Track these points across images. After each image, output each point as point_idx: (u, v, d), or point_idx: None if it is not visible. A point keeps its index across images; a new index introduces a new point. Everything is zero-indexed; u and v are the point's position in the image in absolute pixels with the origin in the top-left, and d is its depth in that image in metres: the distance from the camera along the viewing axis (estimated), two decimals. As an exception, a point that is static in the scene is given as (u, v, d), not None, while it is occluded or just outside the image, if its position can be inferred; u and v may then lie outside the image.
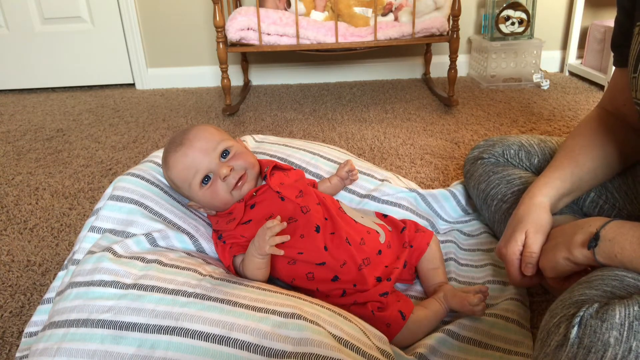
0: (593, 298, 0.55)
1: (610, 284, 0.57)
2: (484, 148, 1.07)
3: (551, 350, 0.53)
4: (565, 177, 0.82)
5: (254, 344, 0.61)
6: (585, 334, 0.51)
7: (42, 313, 0.79)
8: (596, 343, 0.50)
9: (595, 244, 0.65)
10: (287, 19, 1.87)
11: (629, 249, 0.62)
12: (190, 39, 2.44)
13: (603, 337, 0.50)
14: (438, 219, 1.09)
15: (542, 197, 0.81)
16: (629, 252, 0.62)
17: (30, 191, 1.41)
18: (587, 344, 0.50)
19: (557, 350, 0.52)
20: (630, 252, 0.62)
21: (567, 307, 0.55)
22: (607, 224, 0.66)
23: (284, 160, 1.04)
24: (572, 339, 0.51)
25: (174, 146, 0.83)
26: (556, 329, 0.54)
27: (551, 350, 0.53)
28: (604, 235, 0.65)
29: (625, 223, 0.65)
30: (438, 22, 1.87)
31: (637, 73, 0.68)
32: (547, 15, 2.39)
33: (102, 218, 0.83)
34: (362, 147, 1.62)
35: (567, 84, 2.24)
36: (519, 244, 0.78)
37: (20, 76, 2.49)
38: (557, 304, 0.57)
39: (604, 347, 0.49)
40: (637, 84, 0.69)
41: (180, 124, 1.94)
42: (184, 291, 0.68)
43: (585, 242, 0.66)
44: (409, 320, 0.77)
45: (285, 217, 0.80)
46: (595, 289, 0.57)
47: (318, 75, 2.49)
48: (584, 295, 0.56)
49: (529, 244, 0.77)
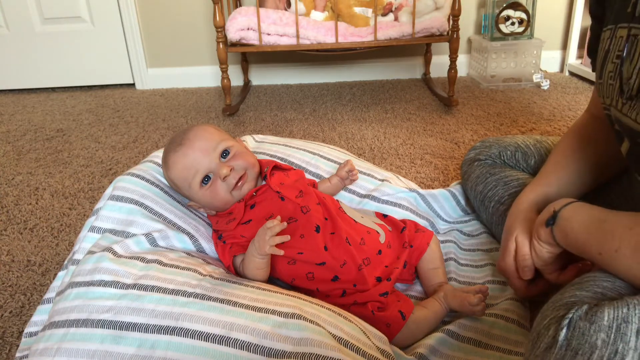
0: (583, 299, 0.55)
1: (602, 285, 0.57)
2: (480, 149, 1.07)
3: (540, 352, 0.53)
4: (551, 182, 0.83)
5: (254, 344, 0.61)
6: (574, 336, 0.50)
7: (42, 313, 0.79)
8: (583, 345, 0.49)
9: (552, 222, 0.68)
10: (287, 19, 1.87)
11: (576, 230, 0.64)
12: (190, 39, 2.44)
13: (590, 339, 0.49)
14: (438, 219, 1.09)
15: (528, 204, 0.82)
16: (577, 233, 0.64)
17: (30, 191, 1.41)
18: (574, 346, 0.50)
19: (546, 352, 0.52)
20: (577, 233, 0.64)
21: (557, 308, 0.55)
22: (569, 204, 0.67)
23: (284, 160, 1.04)
24: (561, 341, 0.51)
25: (174, 146, 0.83)
26: (546, 331, 0.53)
27: (540, 352, 0.53)
28: (562, 214, 0.67)
29: (584, 205, 0.66)
30: (438, 22, 1.87)
31: (602, 79, 0.68)
32: (547, 15, 2.39)
33: (102, 218, 0.83)
34: (362, 147, 1.62)
35: (567, 84, 2.24)
36: (512, 252, 0.79)
37: (20, 76, 2.49)
38: (548, 306, 0.57)
39: (591, 349, 0.49)
40: (602, 89, 0.69)
41: (180, 124, 1.94)
42: (184, 291, 0.68)
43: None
44: (409, 320, 0.77)
45: (285, 217, 0.80)
46: (586, 290, 0.57)
47: (318, 75, 2.49)
48: (575, 296, 0.56)
49: (519, 248, 0.78)
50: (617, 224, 0.59)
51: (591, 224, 0.62)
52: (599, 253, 0.59)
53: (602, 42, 0.69)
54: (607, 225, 0.60)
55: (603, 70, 0.67)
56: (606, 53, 0.67)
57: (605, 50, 0.67)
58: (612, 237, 0.58)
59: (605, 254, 0.59)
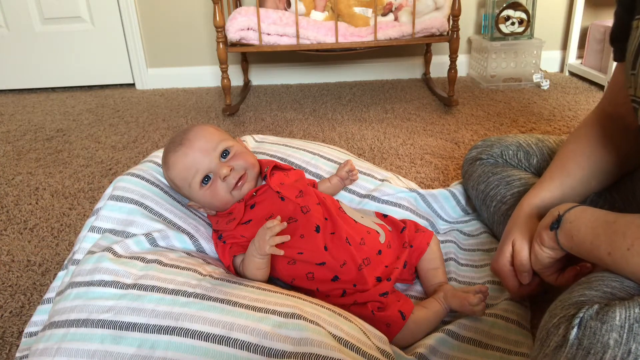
0: (593, 299, 0.55)
1: (610, 285, 0.57)
2: (482, 149, 1.07)
3: (550, 350, 0.53)
4: (555, 187, 0.82)
5: (254, 344, 0.61)
6: (585, 336, 0.51)
7: (42, 313, 0.79)
8: (595, 345, 0.50)
9: (557, 226, 0.68)
10: (287, 19, 1.87)
11: (583, 232, 0.64)
12: (190, 39, 2.44)
13: (602, 339, 0.49)
14: (438, 219, 1.09)
15: (529, 208, 0.82)
16: (583, 235, 0.64)
17: (30, 191, 1.41)
18: (586, 345, 0.50)
19: (556, 350, 0.52)
20: (583, 235, 0.63)
21: (567, 307, 0.55)
22: (573, 208, 0.67)
23: (284, 160, 1.04)
24: (572, 340, 0.51)
25: (174, 146, 0.83)
26: (555, 330, 0.54)
27: (550, 351, 0.53)
28: (567, 217, 0.67)
29: (589, 208, 0.66)
30: (438, 22, 1.87)
31: (636, 70, 0.67)
32: (547, 15, 2.39)
33: (102, 218, 0.83)
34: (362, 147, 1.62)
35: (567, 84, 2.24)
36: (507, 255, 0.80)
37: (20, 76, 2.49)
38: (557, 304, 0.57)
39: (603, 348, 0.49)
40: (636, 80, 0.68)
41: (180, 124, 1.94)
42: (184, 291, 0.68)
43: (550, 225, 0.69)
44: (409, 320, 0.77)
45: (285, 217, 0.80)
46: (595, 289, 0.57)
47: (318, 75, 2.49)
48: (584, 296, 0.56)
49: (517, 253, 0.78)
50: (628, 223, 0.59)
51: (599, 225, 0.62)
52: (609, 253, 0.59)
53: (636, 30, 0.66)
54: (617, 226, 0.60)
55: (637, 61, 0.65)
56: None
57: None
58: (624, 236, 0.58)
59: (615, 254, 0.59)
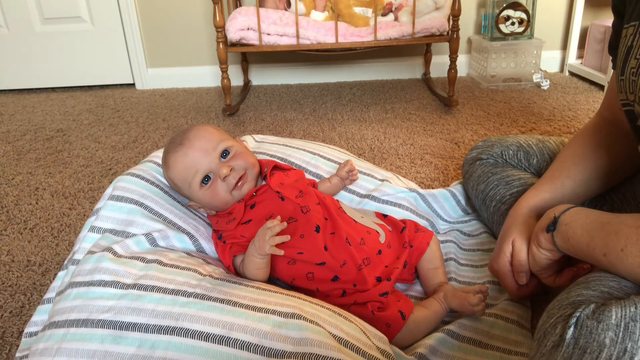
0: (590, 299, 0.55)
1: (608, 285, 0.57)
2: (482, 149, 1.07)
3: (547, 350, 0.53)
4: (555, 189, 0.82)
5: (254, 344, 0.61)
6: (581, 335, 0.51)
7: (42, 313, 0.79)
8: (591, 344, 0.50)
9: (553, 228, 0.68)
10: (287, 19, 1.87)
11: (579, 233, 0.64)
12: (190, 39, 2.44)
13: (599, 338, 0.50)
14: (438, 219, 1.09)
15: (528, 209, 0.82)
16: (579, 236, 0.64)
17: (30, 191, 1.41)
18: (582, 344, 0.50)
19: (553, 350, 0.52)
20: (579, 237, 0.64)
21: (564, 307, 0.55)
22: (569, 209, 0.68)
23: (284, 160, 1.04)
24: (568, 340, 0.51)
25: (174, 146, 0.83)
26: (553, 329, 0.54)
27: (547, 351, 0.53)
28: (562, 219, 0.67)
29: (584, 210, 0.67)
30: (438, 22, 1.87)
31: (625, 75, 0.68)
32: (547, 15, 2.39)
33: (102, 218, 0.83)
34: (362, 147, 1.62)
35: (567, 84, 2.24)
36: (507, 255, 0.80)
37: (20, 76, 2.49)
38: (554, 304, 0.58)
39: (599, 347, 0.49)
40: (625, 86, 0.68)
41: (180, 124, 1.94)
42: (184, 291, 0.68)
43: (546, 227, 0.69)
44: (409, 320, 0.77)
45: (285, 217, 0.80)
46: (592, 289, 0.57)
47: (318, 75, 2.49)
48: (581, 295, 0.56)
49: (516, 253, 0.78)
50: (621, 224, 0.59)
51: (594, 227, 0.63)
52: (604, 254, 0.60)
53: (624, 38, 0.68)
54: (611, 227, 0.60)
55: (625, 67, 0.67)
56: (629, 49, 0.66)
57: (628, 46, 0.66)
58: (617, 237, 0.58)
59: (610, 255, 0.59)
